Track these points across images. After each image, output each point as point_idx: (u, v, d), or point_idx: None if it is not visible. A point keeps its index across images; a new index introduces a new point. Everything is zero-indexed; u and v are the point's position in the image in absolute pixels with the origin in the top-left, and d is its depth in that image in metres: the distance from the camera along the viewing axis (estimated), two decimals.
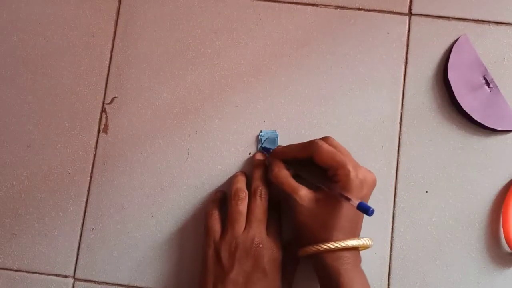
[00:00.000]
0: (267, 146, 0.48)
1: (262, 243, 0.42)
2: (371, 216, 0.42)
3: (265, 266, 0.42)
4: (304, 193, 0.41)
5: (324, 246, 0.40)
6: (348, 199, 0.39)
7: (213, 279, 0.42)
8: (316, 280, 0.43)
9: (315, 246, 0.40)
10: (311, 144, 0.42)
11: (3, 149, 0.50)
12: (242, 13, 0.50)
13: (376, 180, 0.42)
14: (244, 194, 0.44)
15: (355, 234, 0.41)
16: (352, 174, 0.40)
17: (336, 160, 0.41)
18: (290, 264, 0.45)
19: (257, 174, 0.45)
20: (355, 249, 0.41)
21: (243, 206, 0.44)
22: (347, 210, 0.40)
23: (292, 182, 0.42)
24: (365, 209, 0.38)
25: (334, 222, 0.40)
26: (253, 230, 0.43)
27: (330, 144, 0.42)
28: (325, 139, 0.43)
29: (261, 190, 0.44)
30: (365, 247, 0.42)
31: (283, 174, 0.43)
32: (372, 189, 0.42)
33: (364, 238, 0.41)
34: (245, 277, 0.41)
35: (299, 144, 0.44)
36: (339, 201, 0.40)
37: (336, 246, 0.40)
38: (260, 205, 0.43)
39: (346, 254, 0.40)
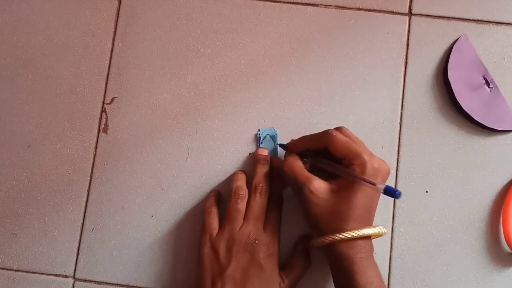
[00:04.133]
0: (267, 144, 0.48)
1: (258, 239, 0.42)
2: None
3: (261, 261, 0.42)
4: (317, 183, 0.41)
5: (341, 236, 0.39)
6: (374, 184, 0.39)
7: (210, 276, 0.42)
8: (322, 277, 0.43)
9: (330, 236, 0.40)
10: (325, 134, 0.42)
11: (3, 149, 0.50)
12: (242, 13, 0.50)
13: (390, 170, 0.42)
14: (244, 192, 0.44)
15: (369, 222, 0.41)
16: (368, 163, 0.40)
17: (351, 150, 0.41)
18: (300, 266, 0.45)
19: (259, 170, 0.45)
20: (369, 237, 0.41)
21: (242, 205, 0.44)
22: (361, 198, 0.40)
23: (305, 173, 0.42)
24: (391, 192, 0.38)
25: (348, 211, 0.40)
26: (250, 227, 0.43)
27: (344, 134, 0.43)
28: (338, 129, 0.43)
29: (261, 187, 0.44)
30: (379, 235, 0.42)
31: (297, 165, 0.43)
32: (386, 178, 0.42)
33: (379, 226, 0.41)
34: (242, 273, 0.42)
35: (313, 135, 0.44)
36: (352, 190, 0.40)
37: (352, 235, 0.39)
38: (259, 202, 0.44)
39: (360, 242, 0.40)
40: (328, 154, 0.42)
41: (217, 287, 0.41)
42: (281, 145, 0.47)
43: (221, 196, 0.47)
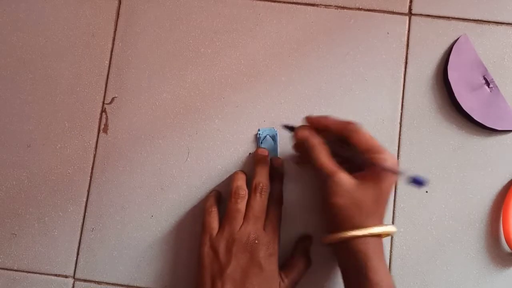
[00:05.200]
0: (267, 144, 0.48)
1: (258, 239, 0.42)
2: None
3: (260, 261, 0.42)
4: (344, 176, 0.41)
5: (366, 232, 0.40)
6: (401, 173, 0.39)
7: (210, 275, 0.42)
8: (322, 277, 0.43)
9: (354, 231, 0.40)
10: (349, 124, 0.42)
11: (3, 149, 0.50)
12: (242, 13, 0.50)
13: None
14: (244, 192, 0.44)
15: (382, 220, 0.42)
16: (392, 159, 0.40)
17: (376, 145, 0.41)
18: (300, 266, 0.45)
19: (260, 170, 0.45)
20: (380, 236, 0.42)
21: (242, 205, 0.44)
22: (382, 195, 0.40)
23: (333, 164, 0.42)
24: (419, 182, 0.38)
25: (371, 207, 0.40)
26: (250, 226, 0.43)
27: None
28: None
29: (262, 187, 0.44)
30: (390, 234, 0.43)
31: (324, 154, 0.42)
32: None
33: (391, 225, 0.42)
34: (241, 273, 0.42)
35: (336, 120, 0.43)
36: (376, 187, 0.40)
37: (375, 232, 0.40)
38: (260, 202, 0.44)
39: (375, 240, 0.40)
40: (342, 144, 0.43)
41: (217, 287, 0.41)
42: (287, 127, 0.46)
43: (221, 196, 0.47)
